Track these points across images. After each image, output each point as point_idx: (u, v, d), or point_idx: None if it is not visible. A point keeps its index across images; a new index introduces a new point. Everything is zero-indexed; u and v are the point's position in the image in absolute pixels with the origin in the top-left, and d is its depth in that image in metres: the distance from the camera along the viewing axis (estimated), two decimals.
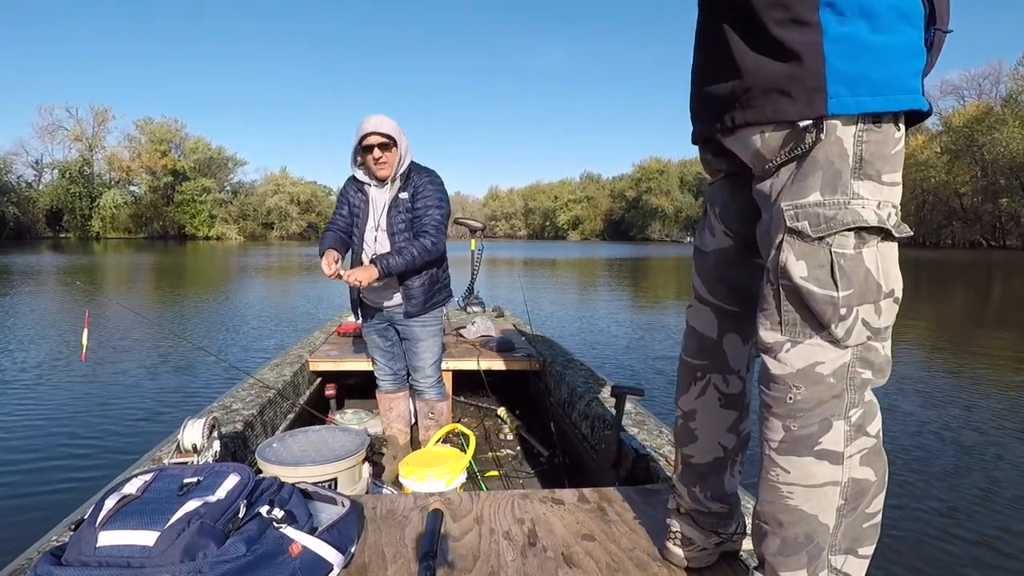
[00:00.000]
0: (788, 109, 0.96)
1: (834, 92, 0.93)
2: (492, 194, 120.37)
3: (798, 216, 0.96)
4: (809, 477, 0.99)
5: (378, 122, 2.45)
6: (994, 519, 2.92)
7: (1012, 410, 4.74)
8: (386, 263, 2.44)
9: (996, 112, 45.77)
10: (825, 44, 0.93)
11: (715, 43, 1.07)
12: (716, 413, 1.27)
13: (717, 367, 1.26)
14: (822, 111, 0.93)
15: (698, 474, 1.29)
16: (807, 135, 0.96)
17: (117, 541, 1.08)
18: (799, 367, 0.98)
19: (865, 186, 0.95)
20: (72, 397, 4.90)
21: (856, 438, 1.00)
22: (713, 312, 1.25)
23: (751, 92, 1.00)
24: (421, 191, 2.56)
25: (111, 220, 63.73)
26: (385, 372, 2.89)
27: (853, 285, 0.94)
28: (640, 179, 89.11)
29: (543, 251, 41.90)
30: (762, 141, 1.01)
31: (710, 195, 1.26)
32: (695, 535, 1.31)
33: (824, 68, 0.93)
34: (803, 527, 1.01)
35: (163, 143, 67.14)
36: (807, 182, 0.97)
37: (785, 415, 0.99)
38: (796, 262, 0.96)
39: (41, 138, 76.25)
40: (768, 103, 0.98)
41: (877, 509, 1.05)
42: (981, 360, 6.60)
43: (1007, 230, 49.04)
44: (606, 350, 6.97)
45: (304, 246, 52.21)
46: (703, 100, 1.14)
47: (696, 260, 1.30)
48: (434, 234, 2.54)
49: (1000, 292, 15.35)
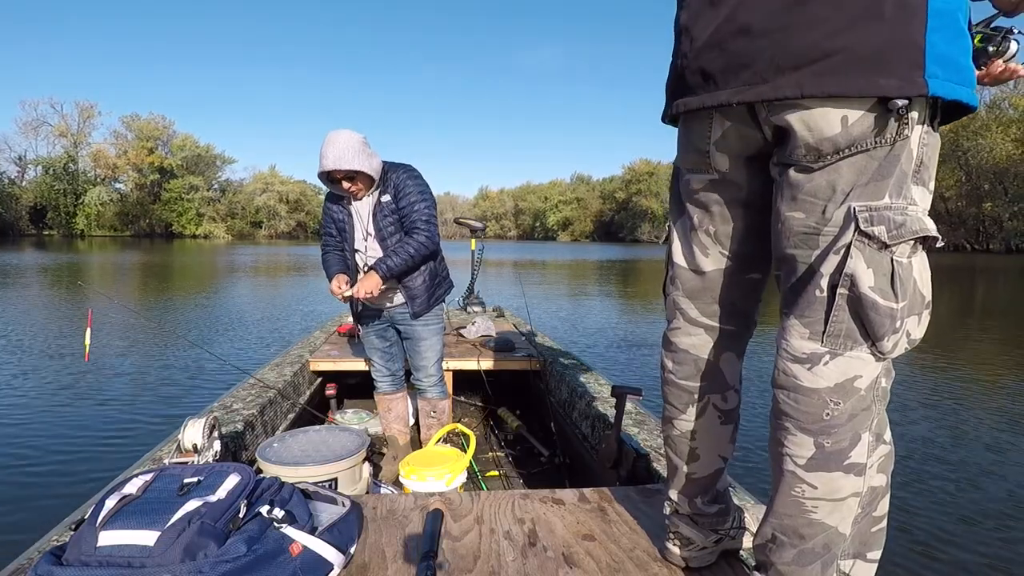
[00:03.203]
0: (886, 84, 0.81)
1: (932, 72, 0.81)
2: (482, 195, 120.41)
3: (873, 219, 0.86)
4: (836, 491, 0.95)
5: (338, 156, 2.31)
6: (981, 523, 2.96)
7: (1000, 411, 4.80)
8: (385, 266, 2.42)
9: (980, 117, 46.44)
10: (929, 12, 0.81)
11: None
12: (716, 431, 1.23)
13: (715, 387, 1.20)
14: (923, 90, 0.81)
15: (700, 486, 1.26)
16: (895, 126, 0.84)
17: (117, 541, 1.07)
18: (837, 381, 0.91)
19: (918, 191, 0.90)
20: (72, 397, 4.86)
21: (877, 447, 0.97)
22: (708, 333, 1.18)
23: (836, 57, 0.82)
24: (402, 189, 2.49)
25: (96, 218, 63.06)
26: (383, 374, 2.88)
27: (907, 296, 0.88)
28: (630, 181, 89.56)
29: (534, 252, 41.92)
30: (843, 125, 0.85)
31: (697, 202, 1.12)
32: (695, 535, 1.29)
33: (925, 42, 0.81)
34: (822, 539, 0.98)
35: (150, 140, 66.54)
36: (883, 183, 0.87)
37: (819, 432, 0.93)
38: (866, 270, 0.87)
39: (24, 134, 75.79)
40: (860, 73, 0.82)
41: (884, 512, 1.04)
42: (967, 362, 6.68)
43: (990, 234, 49.80)
44: (606, 350, 6.98)
45: (293, 245, 51.97)
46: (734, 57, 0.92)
47: (682, 279, 1.18)
48: (425, 228, 2.49)
49: (984, 296, 15.56)
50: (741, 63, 0.90)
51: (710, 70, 0.95)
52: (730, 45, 0.91)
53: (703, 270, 1.15)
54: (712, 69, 0.95)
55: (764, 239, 1.06)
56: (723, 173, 1.06)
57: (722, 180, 1.06)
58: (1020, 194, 45.55)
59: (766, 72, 0.88)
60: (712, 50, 0.94)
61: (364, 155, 2.37)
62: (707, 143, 1.04)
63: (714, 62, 0.94)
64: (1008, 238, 48.11)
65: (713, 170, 1.06)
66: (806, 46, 0.84)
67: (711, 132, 1.02)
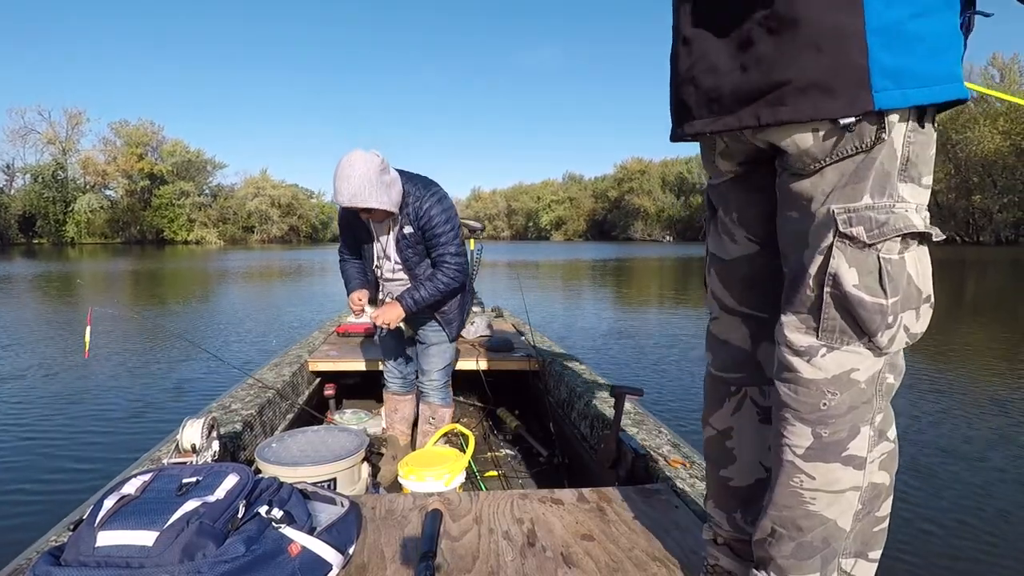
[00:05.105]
0: (832, 107, 0.88)
1: (880, 86, 0.87)
2: (475, 195, 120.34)
3: (851, 221, 0.90)
4: (834, 483, 0.96)
5: (353, 193, 2.18)
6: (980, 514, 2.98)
7: (994, 402, 4.84)
8: (411, 301, 2.39)
9: (969, 110, 46.76)
10: (868, 33, 0.86)
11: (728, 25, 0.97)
12: (756, 429, 1.17)
13: (754, 379, 1.17)
14: (868, 107, 0.87)
15: (739, 499, 1.20)
16: (871, 130, 0.89)
17: (116, 541, 1.07)
18: (834, 373, 0.94)
19: (907, 188, 0.91)
20: (71, 397, 4.86)
21: (878, 443, 0.98)
22: (744, 322, 1.18)
23: (785, 88, 0.91)
24: (426, 221, 2.37)
25: (86, 225, 62.54)
26: (395, 375, 2.88)
27: (899, 292, 0.91)
28: (622, 179, 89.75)
29: (528, 253, 41.92)
30: (815, 140, 0.92)
31: (719, 196, 1.17)
32: (736, 568, 1.20)
33: (868, 61, 0.86)
34: (821, 532, 0.98)
35: (140, 146, 66.10)
36: (860, 185, 0.91)
37: (816, 421, 0.95)
38: (848, 269, 0.91)
39: (12, 142, 75.29)
40: (806, 100, 0.90)
41: (886, 513, 1.04)
42: (959, 354, 6.73)
43: (980, 226, 50.18)
44: (605, 350, 6.98)
45: (287, 249, 51.80)
46: (704, 93, 1.03)
47: (715, 268, 1.20)
48: (455, 264, 2.42)
49: (975, 287, 15.67)
50: (711, 97, 1.02)
51: (688, 103, 1.07)
52: (701, 82, 1.03)
53: (732, 255, 1.17)
54: (690, 102, 1.07)
55: None
56: (737, 171, 1.13)
57: (736, 176, 1.13)
58: (1009, 186, 45.92)
59: (731, 105, 0.98)
60: (688, 85, 1.06)
61: (381, 189, 2.23)
62: (714, 155, 1.13)
63: (691, 96, 1.06)
64: (998, 230, 48.51)
65: (728, 172, 1.14)
66: (758, 81, 0.93)
67: (716, 146, 1.12)
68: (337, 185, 2.21)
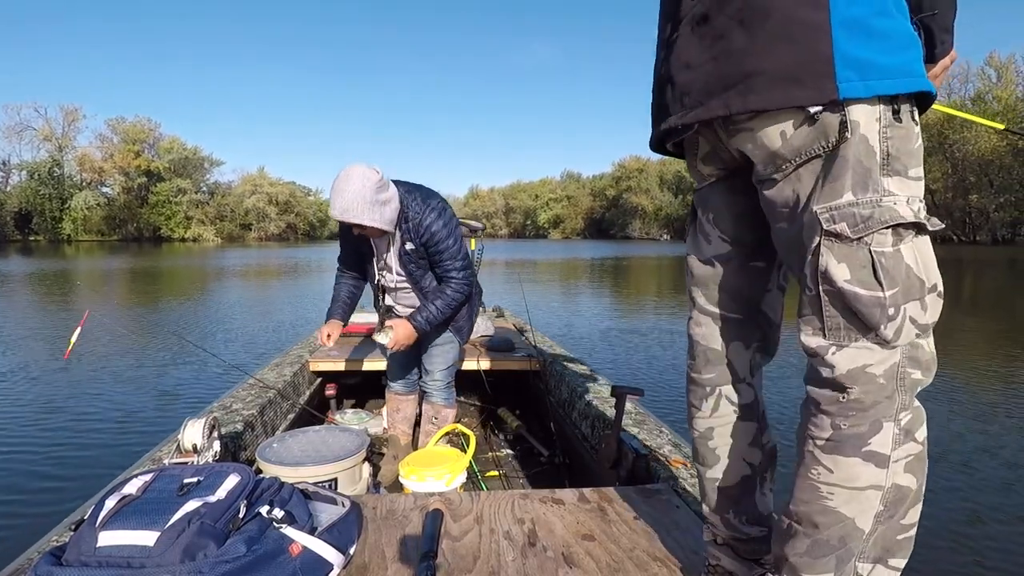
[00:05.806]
0: (800, 95, 0.91)
1: (844, 76, 0.89)
2: (473, 193, 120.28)
3: (834, 218, 0.92)
4: (853, 479, 0.95)
5: (344, 208, 2.19)
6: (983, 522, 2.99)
7: (992, 403, 4.85)
8: (423, 320, 2.42)
9: (966, 110, 46.85)
10: (833, 27, 0.89)
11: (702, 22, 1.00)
12: (735, 427, 1.20)
13: (725, 379, 1.20)
14: (833, 95, 0.89)
15: (728, 497, 1.21)
16: (836, 127, 0.91)
17: (117, 541, 1.07)
18: (848, 368, 0.94)
19: (894, 182, 0.92)
20: (72, 397, 4.85)
21: (904, 442, 0.97)
22: (715, 321, 1.20)
23: (756, 78, 0.94)
24: (428, 238, 2.37)
25: (83, 222, 62.38)
26: (398, 375, 2.88)
27: (897, 283, 0.91)
28: (620, 178, 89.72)
29: (526, 251, 41.88)
30: (783, 139, 0.95)
31: (700, 199, 1.20)
32: (737, 568, 1.21)
33: (832, 52, 0.89)
34: (838, 530, 0.96)
35: (136, 143, 65.95)
36: (838, 183, 0.92)
37: (836, 413, 0.95)
38: (838, 265, 0.92)
39: (8, 138, 75.08)
40: (776, 88, 0.92)
41: (913, 521, 1.01)
42: (958, 352, 6.75)
43: (977, 225, 50.33)
44: (605, 350, 6.97)
45: (284, 247, 51.69)
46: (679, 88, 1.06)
47: (692, 268, 1.23)
48: (461, 278, 2.45)
49: (972, 286, 15.72)
50: (684, 92, 1.05)
51: (666, 102, 1.11)
52: (677, 79, 1.07)
53: (706, 256, 1.19)
54: (667, 101, 1.11)
55: (761, 228, 1.08)
56: (718, 174, 1.15)
57: (718, 179, 1.16)
58: (1005, 185, 46.06)
59: (701, 97, 1.02)
60: (666, 84, 1.11)
61: (374, 207, 2.22)
62: (696, 160, 1.17)
63: (668, 95, 1.10)
64: (994, 229, 48.68)
65: (710, 176, 1.17)
66: (730, 72, 0.97)
67: (698, 150, 1.16)
68: (332, 197, 2.24)
